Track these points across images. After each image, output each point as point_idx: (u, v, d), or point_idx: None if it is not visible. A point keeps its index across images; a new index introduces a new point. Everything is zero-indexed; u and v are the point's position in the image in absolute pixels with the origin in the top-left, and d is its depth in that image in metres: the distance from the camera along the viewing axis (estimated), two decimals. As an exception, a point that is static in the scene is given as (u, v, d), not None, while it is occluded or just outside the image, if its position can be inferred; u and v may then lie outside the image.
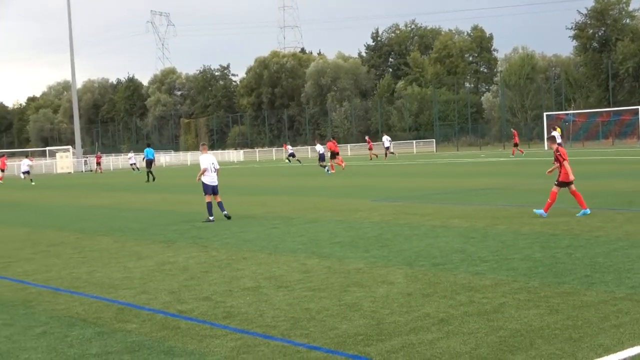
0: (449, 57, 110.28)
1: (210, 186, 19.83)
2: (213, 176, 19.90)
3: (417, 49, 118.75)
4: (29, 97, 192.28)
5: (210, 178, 19.81)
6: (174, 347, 7.51)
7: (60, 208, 27.61)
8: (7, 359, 7.41)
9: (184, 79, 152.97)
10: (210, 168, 19.87)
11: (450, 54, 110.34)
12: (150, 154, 48.84)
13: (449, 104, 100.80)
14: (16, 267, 13.35)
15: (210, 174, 19.84)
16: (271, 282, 10.64)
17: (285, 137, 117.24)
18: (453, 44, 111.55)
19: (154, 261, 13.17)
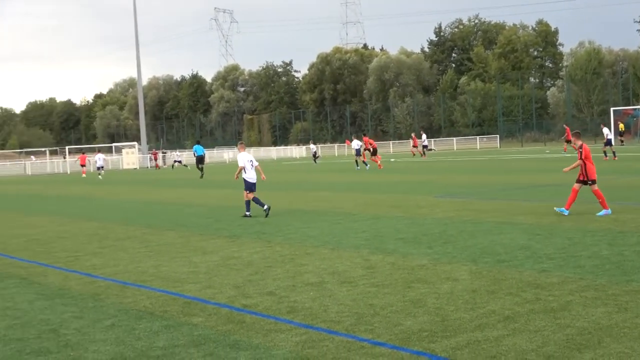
0: (514, 51, 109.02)
1: (252, 184, 20.11)
2: (253, 174, 20.22)
3: (481, 43, 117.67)
4: (96, 94, 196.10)
5: (251, 176, 20.11)
6: (240, 340, 7.59)
7: (126, 203, 28.06)
8: (77, 350, 7.57)
9: (247, 75, 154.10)
10: (247, 165, 20.11)
11: (515, 49, 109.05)
12: (200, 151, 49.54)
13: (513, 100, 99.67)
14: (84, 261, 13.61)
15: (251, 172, 20.13)
16: (335, 277, 10.67)
17: (348, 133, 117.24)
18: (517, 39, 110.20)
19: (219, 256, 13.30)
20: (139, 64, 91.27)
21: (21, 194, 40.08)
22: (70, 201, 31.27)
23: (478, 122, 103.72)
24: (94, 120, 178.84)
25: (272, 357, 6.96)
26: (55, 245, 16.09)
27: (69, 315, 9.18)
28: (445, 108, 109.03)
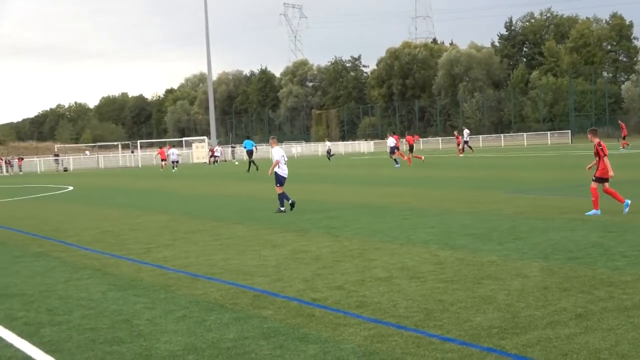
0: (586, 46, 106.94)
1: (284, 177, 20.46)
2: (285, 168, 20.54)
3: (553, 38, 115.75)
4: (167, 89, 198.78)
5: (283, 170, 20.44)
6: (309, 334, 7.62)
7: (196, 197, 28.41)
8: (149, 340, 7.70)
9: (316, 70, 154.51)
10: (281, 160, 20.45)
11: (588, 43, 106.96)
12: (249, 145, 51.02)
13: (585, 95, 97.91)
14: (156, 253, 13.82)
15: (283, 167, 20.46)
16: (403, 272, 10.64)
17: (416, 128, 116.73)
18: (590, 33, 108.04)
19: (288, 250, 13.38)
20: (209, 60, 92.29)
21: (93, 186, 40.89)
22: (142, 194, 31.80)
23: (549, 118, 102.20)
24: (164, 114, 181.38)
25: (340, 351, 6.98)
26: (128, 238, 16.38)
27: (141, 306, 9.34)
28: (515, 103, 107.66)
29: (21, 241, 16.79)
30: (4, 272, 12.50)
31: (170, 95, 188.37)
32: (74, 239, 16.57)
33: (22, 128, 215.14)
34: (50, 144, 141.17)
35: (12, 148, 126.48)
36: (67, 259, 13.73)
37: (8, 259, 13.99)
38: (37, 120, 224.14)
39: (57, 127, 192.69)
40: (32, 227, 19.43)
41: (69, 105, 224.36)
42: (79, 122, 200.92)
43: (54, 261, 13.51)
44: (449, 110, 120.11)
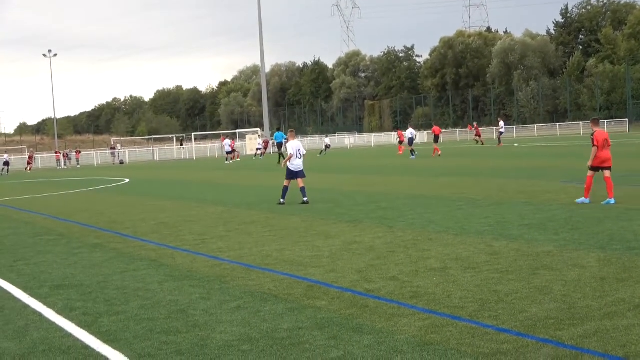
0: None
1: (293, 172, 20.66)
2: (298, 162, 20.68)
3: (610, 24, 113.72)
4: (221, 82, 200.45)
5: (296, 164, 20.61)
6: (363, 324, 7.62)
7: (250, 188, 28.57)
8: (205, 330, 7.77)
9: (368, 61, 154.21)
10: (296, 154, 20.66)
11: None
12: (279, 138, 51.82)
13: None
14: (211, 244, 13.94)
15: (296, 160, 20.63)
16: (458, 263, 10.58)
17: (470, 117, 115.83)
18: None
19: (341, 240, 13.39)
20: (262, 52, 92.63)
21: (149, 179, 41.38)
22: (196, 186, 32.07)
23: (606, 106, 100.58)
24: (218, 107, 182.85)
25: (395, 341, 6.97)
26: (183, 229, 16.55)
27: (196, 296, 9.43)
28: (571, 91, 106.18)
29: (79, 233, 17.07)
30: (63, 263, 12.73)
31: (224, 88, 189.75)
32: (130, 231, 16.80)
33: (79, 122, 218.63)
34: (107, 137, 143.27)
35: (69, 142, 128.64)
36: (124, 250, 13.93)
37: (66, 251, 14.24)
38: (93, 114, 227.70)
39: (114, 121, 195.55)
40: (89, 219, 19.75)
41: (125, 99, 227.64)
42: (135, 115, 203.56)
43: (111, 252, 13.71)
44: (504, 100, 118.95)
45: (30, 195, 32.25)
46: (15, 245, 15.50)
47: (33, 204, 26.49)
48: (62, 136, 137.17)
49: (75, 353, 7.26)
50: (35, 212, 22.99)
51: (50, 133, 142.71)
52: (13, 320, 8.76)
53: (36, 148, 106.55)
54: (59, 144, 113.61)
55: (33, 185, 42.68)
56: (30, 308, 9.37)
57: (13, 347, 7.61)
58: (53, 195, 31.77)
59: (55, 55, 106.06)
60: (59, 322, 8.53)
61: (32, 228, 18.65)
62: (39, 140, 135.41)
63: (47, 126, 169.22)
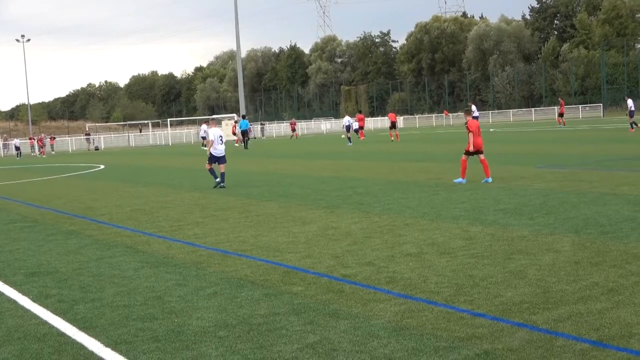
0: (618, 17, 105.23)
1: (215, 157, 22.07)
2: (221, 148, 22.09)
3: (585, 10, 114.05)
4: (196, 67, 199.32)
5: (218, 150, 22.03)
6: (339, 310, 7.65)
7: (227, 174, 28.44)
8: (182, 317, 7.77)
9: (345, 46, 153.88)
10: (217, 140, 22.05)
11: (620, 15, 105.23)
12: (244, 126, 54.91)
13: (617, 67, 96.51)
14: (187, 230, 13.92)
15: (218, 146, 21.99)
16: (433, 248, 10.62)
17: (446, 103, 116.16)
18: (623, 4, 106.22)
19: (318, 226, 13.40)
20: (237, 37, 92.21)
21: (124, 165, 41.19)
22: (172, 172, 31.95)
23: (581, 91, 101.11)
24: (194, 92, 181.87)
25: (371, 326, 6.99)
26: (159, 215, 16.50)
27: (172, 283, 9.41)
28: (546, 76, 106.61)
29: (54, 220, 16.98)
30: (38, 250, 12.66)
31: (199, 74, 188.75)
32: (105, 217, 16.73)
33: (53, 107, 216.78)
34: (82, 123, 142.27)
35: (44, 128, 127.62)
36: (99, 236, 13.87)
37: (41, 237, 14.16)
38: (68, 99, 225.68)
39: (88, 107, 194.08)
40: (64, 206, 19.64)
41: (100, 85, 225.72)
42: (110, 101, 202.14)
43: (87, 239, 13.65)
44: (479, 85, 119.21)
45: (4, 182, 31.98)
46: (-11, 232, 15.38)
47: (7, 191, 26.28)
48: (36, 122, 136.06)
49: (51, 340, 7.23)
50: (9, 199, 22.82)
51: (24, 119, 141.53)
52: (-13, 307, 8.71)
53: (10, 134, 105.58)
54: (33, 130, 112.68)
55: (7, 171, 42.34)
56: (5, 295, 9.32)
57: (-13, 334, 7.57)
58: (27, 181, 31.53)
59: (29, 40, 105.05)
60: (34, 309, 8.50)
61: (7, 214, 18.52)
62: (13, 126, 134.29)
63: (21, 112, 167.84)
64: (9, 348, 7.07)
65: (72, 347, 6.99)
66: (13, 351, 6.97)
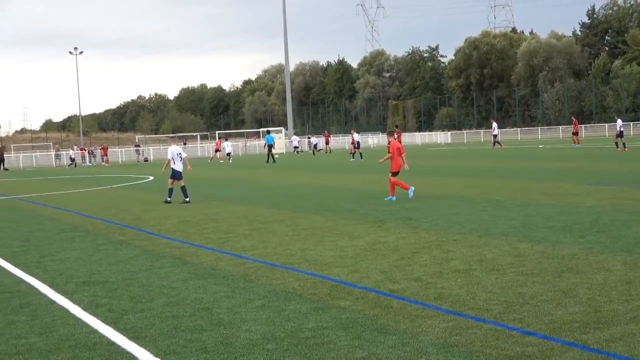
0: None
1: (177, 172, 23.19)
2: (179, 164, 23.26)
3: (637, 25, 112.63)
4: (245, 80, 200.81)
5: (177, 166, 23.16)
6: (387, 325, 7.63)
7: (273, 187, 28.60)
8: (230, 329, 7.81)
9: (393, 61, 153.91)
10: (175, 158, 23.19)
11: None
12: (269, 140, 56.61)
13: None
14: (235, 243, 13.99)
15: (178, 163, 23.17)
16: (482, 265, 10.55)
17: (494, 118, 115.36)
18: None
19: (365, 240, 13.38)
20: (286, 51, 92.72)
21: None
22: (220, 184, 32.16)
23: (632, 108, 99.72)
24: (242, 106, 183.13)
25: (419, 342, 6.97)
26: (207, 227, 16.62)
27: (221, 294, 9.47)
28: (597, 93, 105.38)
29: (104, 230, 17.19)
30: (88, 260, 12.83)
31: (248, 87, 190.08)
32: (154, 228, 16.89)
33: (104, 119, 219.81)
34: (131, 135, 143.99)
35: (94, 139, 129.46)
36: (149, 247, 14.01)
37: (92, 247, 14.34)
38: (118, 111, 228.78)
39: (138, 118, 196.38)
40: (114, 216, 19.88)
41: (150, 97, 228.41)
42: (159, 113, 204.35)
43: (136, 249, 13.80)
44: (528, 101, 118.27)
45: (56, 192, 32.48)
46: (42, 241, 15.64)
47: (59, 201, 26.69)
48: (87, 133, 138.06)
49: (102, 349, 7.32)
50: (61, 209, 23.17)
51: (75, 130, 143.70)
52: (40, 315, 8.85)
53: (61, 145, 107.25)
54: (84, 141, 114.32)
55: (58, 182, 42.99)
56: (57, 304, 9.45)
57: (40, 342, 7.69)
58: (79, 192, 31.99)
59: (81, 52, 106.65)
60: (85, 318, 8.61)
61: (58, 224, 18.80)
62: (65, 137, 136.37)
63: (73, 123, 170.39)
64: (61, 356, 7.17)
65: (122, 357, 7.07)
66: (65, 359, 7.07)
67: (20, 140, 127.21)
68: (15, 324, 8.48)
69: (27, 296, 10.02)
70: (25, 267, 12.38)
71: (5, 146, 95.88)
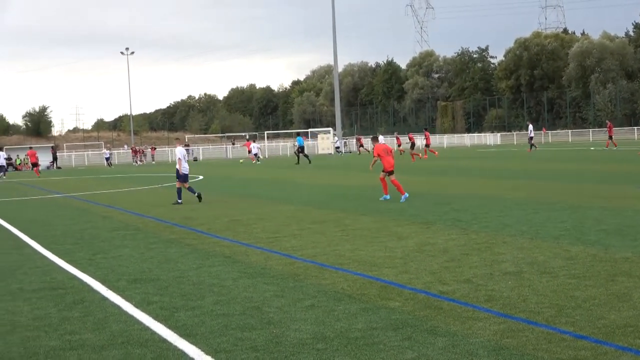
0: None
1: (185, 174, 23.55)
2: (186, 166, 23.73)
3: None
4: (294, 81, 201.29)
5: (184, 167, 23.51)
6: (437, 326, 7.60)
7: (321, 187, 28.63)
8: (279, 328, 7.85)
9: (442, 61, 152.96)
10: (183, 159, 23.57)
11: None
12: (300, 142, 56.80)
13: None
14: (284, 242, 14.04)
15: (185, 164, 23.53)
16: (533, 267, 10.45)
17: (545, 120, 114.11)
18: None
19: (414, 242, 13.34)
20: (335, 52, 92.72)
21: (222, 176, 41.83)
22: (268, 184, 32.31)
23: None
24: (291, 106, 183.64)
25: (470, 344, 6.93)
26: (256, 227, 16.70)
27: (270, 294, 9.52)
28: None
29: (155, 228, 17.39)
30: (140, 258, 12.98)
31: (296, 87, 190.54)
32: (204, 227, 17.03)
33: (154, 119, 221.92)
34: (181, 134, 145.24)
35: (145, 138, 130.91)
36: (199, 246, 14.14)
37: (143, 245, 14.52)
38: (168, 111, 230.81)
39: (188, 118, 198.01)
40: (164, 215, 20.08)
41: (199, 97, 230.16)
42: (208, 112, 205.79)
43: (186, 248, 13.93)
44: (580, 102, 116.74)
45: (108, 190, 32.92)
46: (94, 238, 15.87)
47: (110, 199, 27.05)
48: (138, 132, 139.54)
49: (153, 346, 7.41)
50: (112, 207, 23.48)
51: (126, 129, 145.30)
52: (93, 312, 8.98)
53: (112, 144, 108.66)
54: (135, 140, 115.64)
55: (109, 180, 43.54)
56: (109, 301, 9.59)
57: (93, 338, 7.81)
58: (129, 190, 32.37)
59: (133, 53, 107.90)
60: (137, 315, 8.72)
61: (110, 222, 19.06)
62: (116, 137, 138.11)
63: (124, 122, 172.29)
64: (114, 352, 7.27)
65: (173, 354, 7.15)
66: (117, 355, 7.17)
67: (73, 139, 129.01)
68: (69, 320, 8.62)
69: (81, 293, 10.18)
70: (78, 264, 12.58)
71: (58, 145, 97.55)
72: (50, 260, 13.16)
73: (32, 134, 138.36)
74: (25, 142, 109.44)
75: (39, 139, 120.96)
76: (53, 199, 29.20)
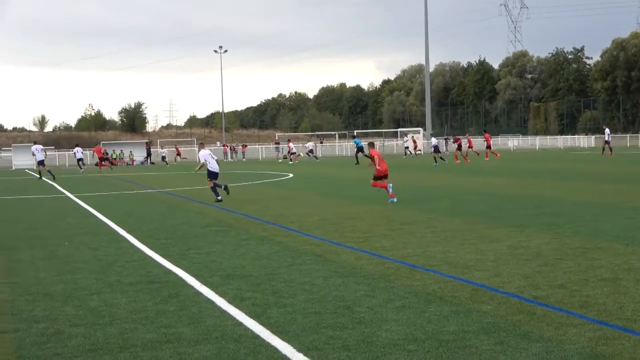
0: None
1: (215, 173, 24.44)
2: (215, 164, 24.58)
3: None
4: (384, 80, 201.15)
5: (213, 166, 24.45)
6: (530, 332, 7.51)
7: (409, 187, 28.49)
8: (371, 327, 7.88)
9: (535, 62, 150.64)
10: (210, 160, 24.52)
11: None
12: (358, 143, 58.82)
13: None
14: (374, 242, 14.06)
15: (213, 164, 24.45)
16: (630, 274, 10.21)
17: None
18: None
19: (506, 245, 13.19)
20: (427, 52, 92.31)
21: (312, 174, 42.06)
22: (356, 183, 32.31)
23: None
24: (381, 105, 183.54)
25: (564, 351, 6.84)
26: (346, 226, 16.76)
27: (361, 293, 9.56)
28: None
29: (247, 225, 17.63)
30: (232, 254, 13.19)
31: (386, 86, 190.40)
32: (295, 225, 17.18)
33: (245, 116, 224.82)
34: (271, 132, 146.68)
35: (236, 135, 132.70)
36: (290, 243, 14.28)
37: (235, 242, 14.74)
38: (259, 109, 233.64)
39: (278, 116, 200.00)
40: (256, 212, 20.33)
41: (290, 95, 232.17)
42: (298, 111, 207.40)
43: (277, 245, 14.09)
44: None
45: (201, 186, 33.49)
46: (187, 234, 16.18)
47: (203, 195, 27.50)
48: (229, 130, 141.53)
49: (247, 342, 7.54)
50: (205, 203, 23.87)
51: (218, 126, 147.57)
52: (188, 306, 9.18)
53: (205, 140, 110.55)
54: (226, 137, 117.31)
55: (201, 176, 44.29)
56: (203, 295, 9.78)
57: (188, 332, 7.99)
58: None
59: (226, 51, 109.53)
60: (230, 310, 8.87)
61: (203, 218, 19.41)
62: (207, 133, 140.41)
63: (215, 119, 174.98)
64: (208, 347, 7.43)
65: (266, 350, 7.26)
66: (212, 349, 7.32)
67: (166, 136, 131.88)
68: (165, 314, 8.84)
69: (176, 287, 10.41)
70: (173, 258, 12.86)
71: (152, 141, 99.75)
72: (145, 254, 13.48)
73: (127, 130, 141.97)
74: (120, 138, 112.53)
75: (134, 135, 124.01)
76: (147, 194, 29.89)
